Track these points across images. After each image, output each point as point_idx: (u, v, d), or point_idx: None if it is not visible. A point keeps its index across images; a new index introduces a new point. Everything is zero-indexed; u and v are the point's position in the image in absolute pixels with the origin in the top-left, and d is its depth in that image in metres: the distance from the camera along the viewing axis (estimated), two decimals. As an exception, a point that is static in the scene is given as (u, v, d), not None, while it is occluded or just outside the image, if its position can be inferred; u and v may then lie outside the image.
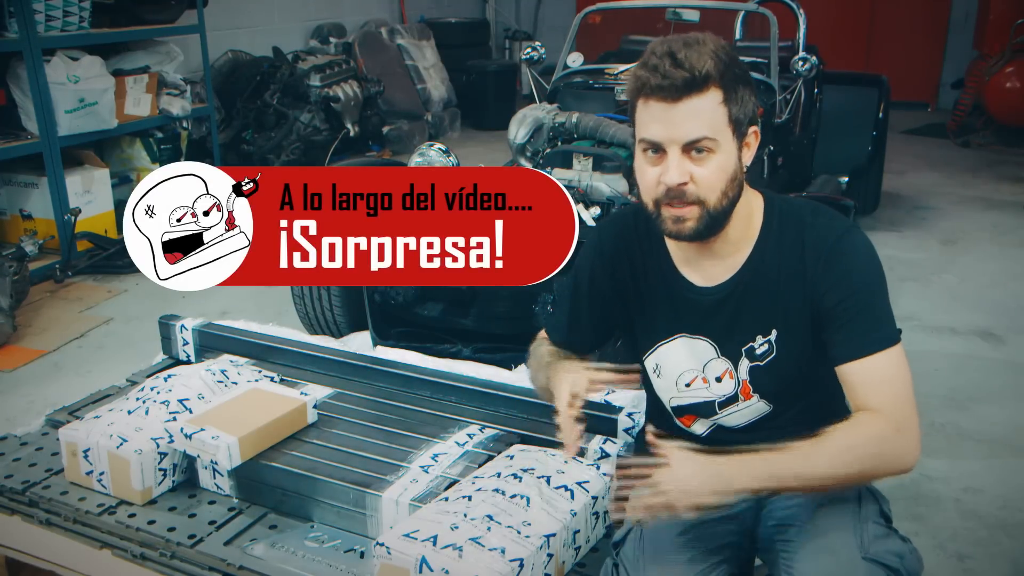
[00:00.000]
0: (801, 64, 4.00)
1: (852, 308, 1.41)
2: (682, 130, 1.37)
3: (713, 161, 1.39)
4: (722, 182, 1.41)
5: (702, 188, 1.40)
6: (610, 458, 1.84)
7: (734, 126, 1.40)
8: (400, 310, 3.01)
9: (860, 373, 1.40)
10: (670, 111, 1.37)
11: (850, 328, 1.41)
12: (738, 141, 1.42)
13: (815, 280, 1.44)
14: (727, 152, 1.40)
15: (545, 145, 3.39)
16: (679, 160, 1.39)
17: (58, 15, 4.30)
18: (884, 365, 1.39)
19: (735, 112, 1.39)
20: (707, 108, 1.37)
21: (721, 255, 1.50)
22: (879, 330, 1.41)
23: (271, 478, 1.83)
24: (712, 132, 1.37)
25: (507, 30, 9.98)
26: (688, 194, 1.40)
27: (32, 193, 4.43)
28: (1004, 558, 2.32)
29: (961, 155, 7.19)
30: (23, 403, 3.14)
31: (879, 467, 1.36)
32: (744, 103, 1.40)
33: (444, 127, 7.90)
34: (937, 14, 8.83)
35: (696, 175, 1.39)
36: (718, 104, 1.37)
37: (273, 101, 6.00)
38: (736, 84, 1.39)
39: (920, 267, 4.57)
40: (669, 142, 1.38)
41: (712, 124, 1.37)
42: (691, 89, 1.35)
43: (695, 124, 1.37)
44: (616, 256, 1.62)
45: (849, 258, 1.43)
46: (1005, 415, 3.06)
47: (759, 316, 1.49)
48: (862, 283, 1.42)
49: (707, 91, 1.36)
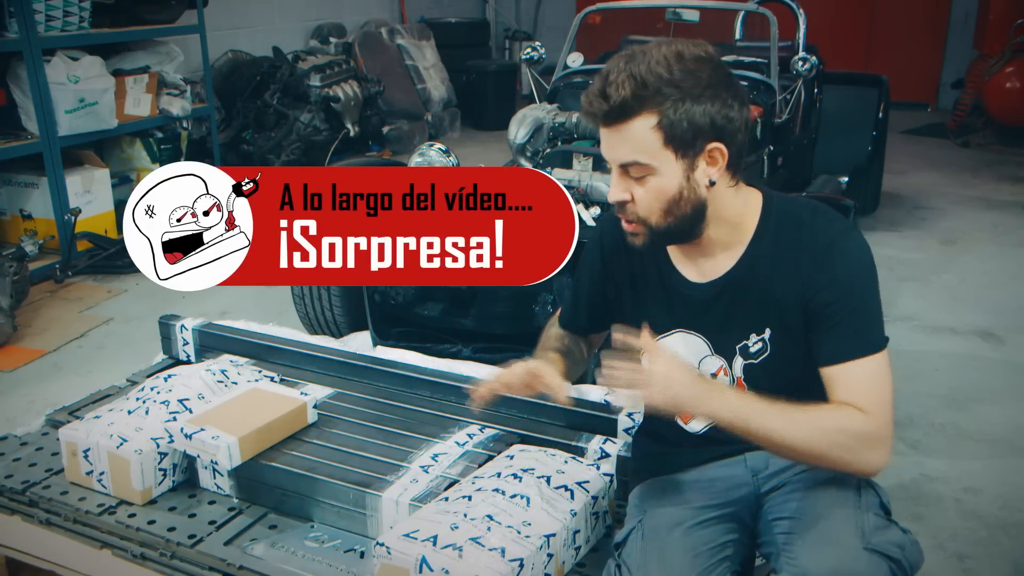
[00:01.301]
0: (801, 64, 4.00)
1: (842, 311, 1.41)
2: (615, 153, 1.42)
3: (650, 183, 1.42)
4: (661, 203, 1.42)
5: (641, 208, 1.44)
6: (610, 458, 1.84)
7: (674, 147, 1.38)
8: (400, 310, 3.01)
9: (844, 376, 1.41)
10: (606, 134, 1.43)
11: (838, 331, 1.41)
12: (687, 160, 1.40)
13: (808, 279, 1.44)
14: (667, 174, 1.40)
15: (545, 145, 3.39)
16: (619, 178, 1.44)
17: (58, 15, 4.30)
18: (869, 370, 1.40)
19: (674, 133, 1.37)
20: (636, 134, 1.38)
21: (715, 252, 1.51)
22: (867, 335, 1.41)
23: (271, 478, 1.83)
24: (643, 157, 1.39)
25: (507, 30, 9.98)
26: (628, 212, 1.45)
27: (32, 193, 4.43)
28: (1004, 558, 2.32)
29: (961, 155, 7.19)
30: (23, 403, 3.14)
31: (844, 460, 1.38)
32: (692, 121, 1.36)
33: (444, 127, 7.89)
34: (937, 14, 8.83)
35: (636, 195, 1.44)
36: (649, 129, 1.37)
37: (273, 101, 5.99)
38: (679, 103, 1.35)
39: (920, 267, 4.57)
40: (610, 161, 1.44)
41: (643, 149, 1.39)
42: (615, 118, 1.39)
43: (624, 149, 1.40)
44: (615, 252, 1.63)
45: (844, 260, 1.43)
46: (1005, 415, 3.06)
47: (753, 314, 1.50)
48: (854, 286, 1.42)
49: (635, 118, 1.37)
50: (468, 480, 1.71)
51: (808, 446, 1.36)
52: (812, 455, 1.38)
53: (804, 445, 1.36)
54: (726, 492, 1.55)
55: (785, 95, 4.12)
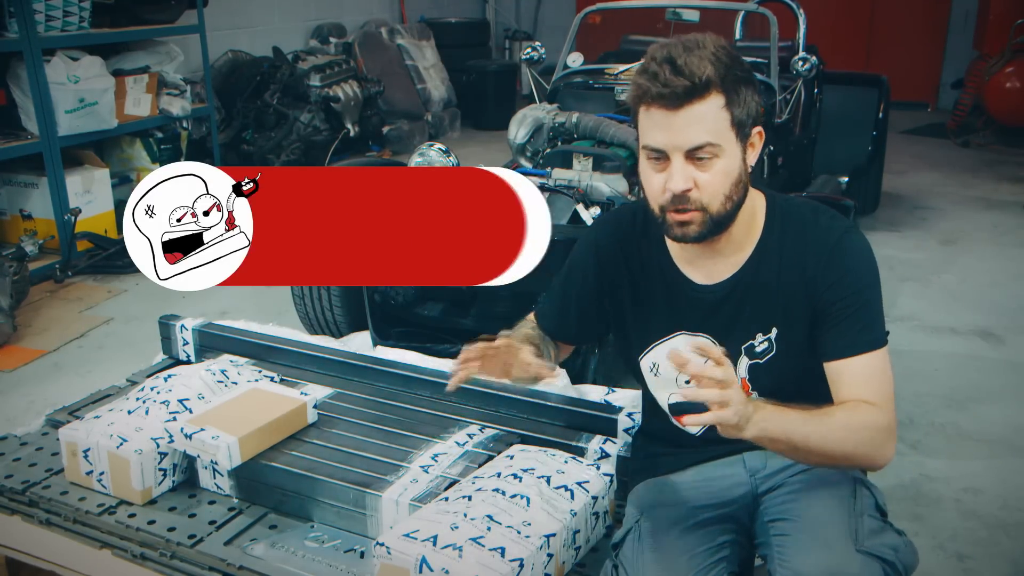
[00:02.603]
0: (801, 64, 4.00)
1: (848, 308, 1.43)
2: (684, 137, 1.37)
3: (717, 166, 1.40)
4: (726, 187, 1.41)
5: (706, 194, 1.41)
6: (610, 458, 1.84)
7: (737, 129, 1.40)
8: (400, 310, 3.01)
9: (850, 371, 1.42)
10: (672, 118, 1.37)
11: (845, 326, 1.43)
12: (742, 143, 1.42)
13: (815, 277, 1.45)
14: (731, 156, 1.41)
15: (545, 145, 3.39)
16: (683, 166, 1.39)
17: (58, 15, 4.30)
18: (875, 365, 1.42)
19: (738, 115, 1.39)
20: (709, 114, 1.37)
21: (724, 254, 1.52)
22: (871, 331, 1.43)
23: (271, 478, 1.83)
24: (715, 138, 1.38)
25: (507, 30, 9.98)
26: (692, 200, 1.41)
27: (32, 193, 4.43)
28: (1004, 558, 2.32)
29: (961, 155, 7.19)
30: (23, 403, 3.13)
31: (869, 456, 1.40)
32: (747, 104, 1.40)
33: (444, 127, 7.90)
34: (937, 14, 8.83)
35: (700, 181, 1.40)
36: (720, 109, 1.37)
37: (273, 101, 5.99)
38: (738, 86, 1.39)
39: (920, 267, 4.56)
40: (672, 149, 1.39)
41: (715, 129, 1.38)
42: (692, 96, 1.35)
43: (697, 131, 1.37)
44: (612, 253, 1.62)
45: (850, 258, 1.45)
46: (1005, 415, 3.06)
47: (760, 314, 1.50)
48: (860, 284, 1.44)
49: (708, 97, 1.36)
50: (468, 480, 1.71)
51: (841, 448, 1.37)
52: (841, 455, 1.38)
53: (838, 448, 1.36)
54: (724, 492, 1.55)
55: (785, 95, 4.12)
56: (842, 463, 1.43)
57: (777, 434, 1.33)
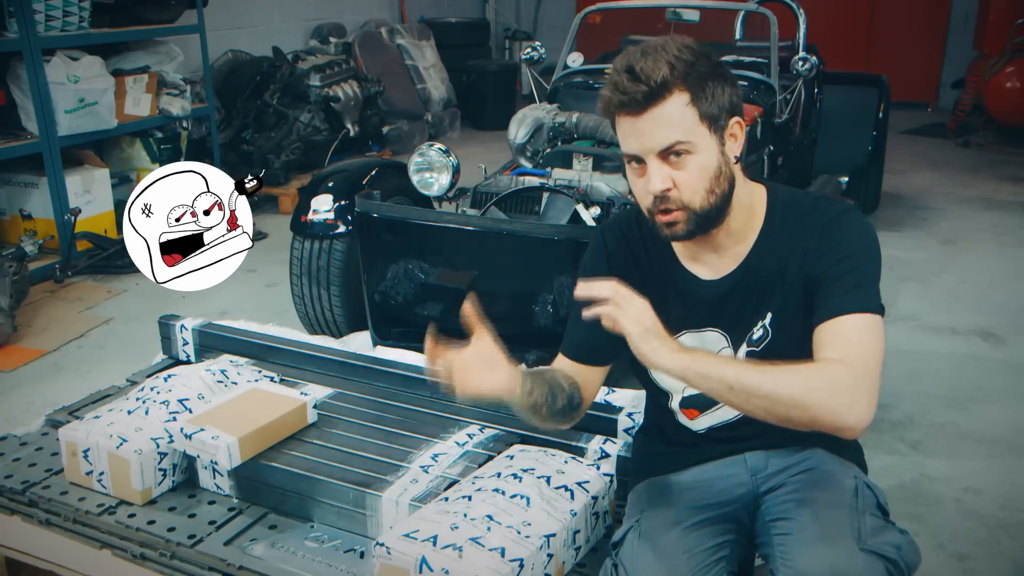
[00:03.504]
0: (801, 64, 3.99)
1: (838, 272, 1.42)
2: (653, 139, 1.41)
3: (692, 163, 1.42)
4: (705, 181, 1.43)
5: (686, 192, 1.43)
6: (610, 458, 1.84)
7: (709, 123, 1.41)
8: (400, 310, 3.01)
9: (831, 330, 1.38)
10: (638, 123, 1.41)
11: (833, 288, 1.41)
12: (718, 136, 1.43)
13: (808, 251, 1.46)
14: (706, 151, 1.42)
15: (545, 145, 3.39)
16: (659, 168, 1.42)
17: (58, 15, 4.29)
18: (857, 326, 1.38)
19: (706, 109, 1.41)
20: (674, 113, 1.39)
21: (726, 247, 1.53)
22: (861, 295, 1.40)
23: (271, 478, 1.83)
24: (684, 135, 1.40)
25: (507, 30, 9.98)
26: (673, 200, 1.43)
27: (32, 193, 4.42)
28: (1004, 558, 2.32)
29: (961, 155, 7.19)
30: (23, 403, 3.13)
31: (817, 405, 1.29)
32: (715, 98, 1.41)
33: (444, 127, 7.90)
34: (937, 14, 8.83)
35: (678, 180, 1.42)
36: (684, 106, 1.39)
37: (273, 101, 5.98)
38: (703, 81, 1.40)
39: (920, 267, 4.56)
40: (645, 152, 1.42)
41: (682, 127, 1.40)
42: (652, 99, 1.38)
43: (664, 132, 1.40)
44: (623, 257, 1.63)
45: (844, 229, 1.46)
46: (1005, 415, 3.06)
47: (763, 302, 1.51)
48: (852, 251, 1.44)
49: (669, 97, 1.38)
50: (468, 480, 1.71)
51: (788, 390, 1.29)
52: (788, 399, 1.30)
53: (783, 389, 1.30)
54: (724, 492, 1.55)
55: (785, 95, 4.12)
56: (795, 413, 1.30)
57: (705, 365, 1.33)
